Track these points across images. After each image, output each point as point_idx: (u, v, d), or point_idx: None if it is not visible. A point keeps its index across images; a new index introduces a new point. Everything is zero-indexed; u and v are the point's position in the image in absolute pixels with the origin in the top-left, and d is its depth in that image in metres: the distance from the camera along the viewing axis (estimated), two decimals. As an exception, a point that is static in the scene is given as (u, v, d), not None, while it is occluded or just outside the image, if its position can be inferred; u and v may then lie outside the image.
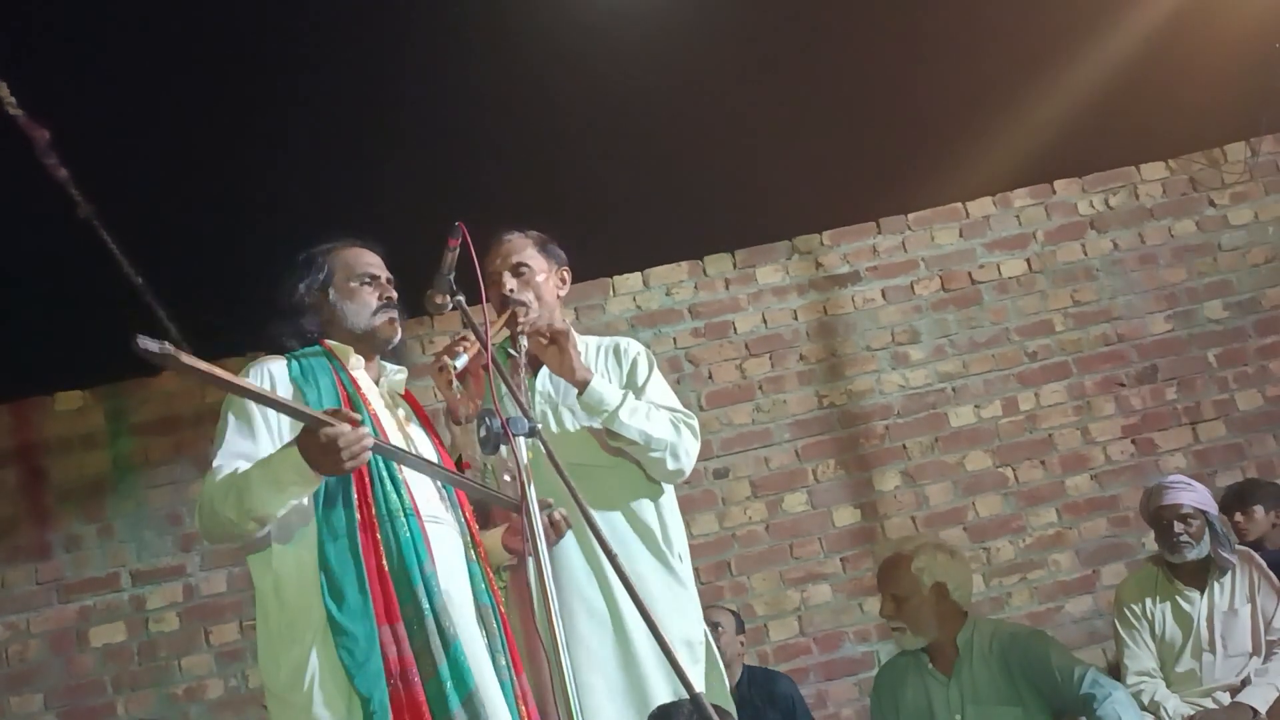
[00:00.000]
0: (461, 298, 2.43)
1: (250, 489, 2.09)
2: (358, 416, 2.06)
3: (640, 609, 1.96)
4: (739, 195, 4.80)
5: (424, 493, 2.30)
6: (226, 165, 3.93)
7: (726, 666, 4.10)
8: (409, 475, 2.28)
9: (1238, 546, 3.96)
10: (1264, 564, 3.90)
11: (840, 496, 5.01)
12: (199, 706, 4.66)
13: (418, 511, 2.23)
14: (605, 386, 2.63)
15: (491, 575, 2.38)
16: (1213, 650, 3.78)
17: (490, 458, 2.52)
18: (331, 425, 2.00)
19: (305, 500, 2.15)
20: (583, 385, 2.60)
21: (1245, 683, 3.69)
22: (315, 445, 2.01)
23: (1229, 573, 3.83)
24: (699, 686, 2.55)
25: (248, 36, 3.68)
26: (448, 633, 2.13)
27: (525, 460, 2.08)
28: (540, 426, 2.21)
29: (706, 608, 4.26)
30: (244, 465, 2.15)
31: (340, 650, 2.06)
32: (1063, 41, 4.56)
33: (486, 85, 4.04)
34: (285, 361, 2.34)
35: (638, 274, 5.21)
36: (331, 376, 2.31)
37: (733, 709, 2.72)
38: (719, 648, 4.11)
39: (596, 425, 2.66)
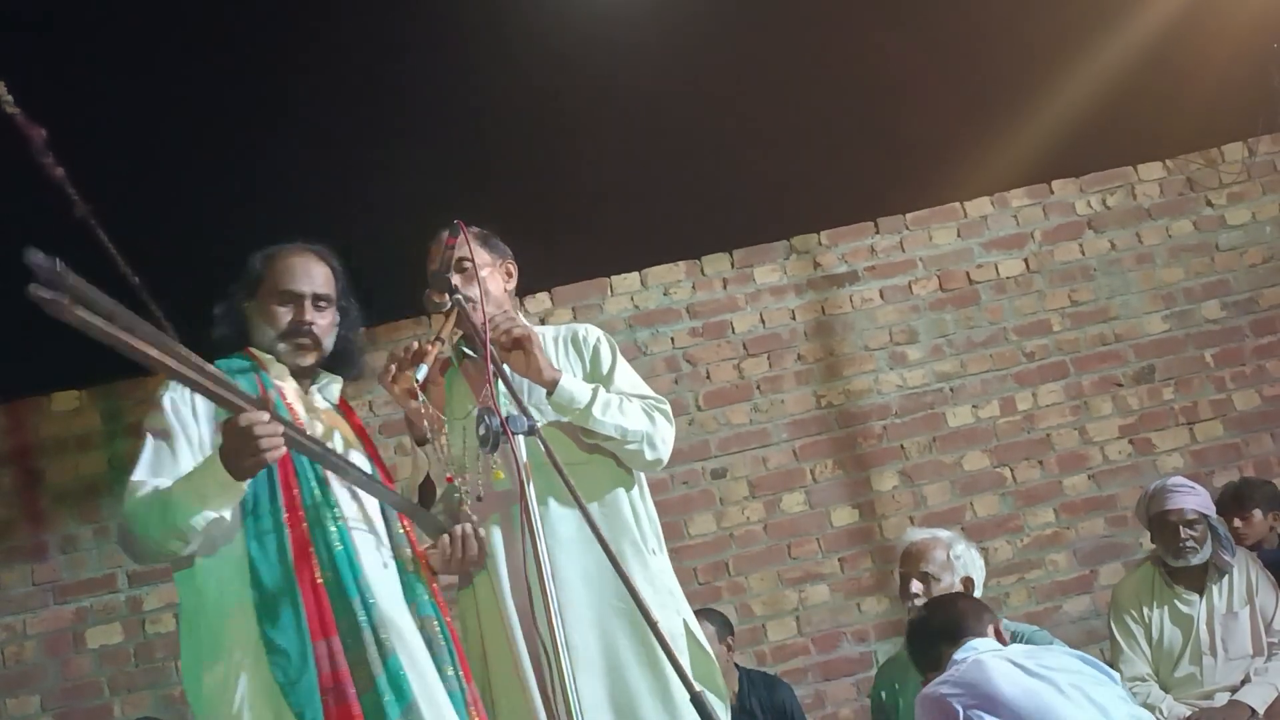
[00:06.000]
0: (460, 296, 2.43)
1: (172, 504, 2.02)
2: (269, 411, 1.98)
3: (639, 604, 1.96)
4: (736, 195, 4.80)
5: (344, 494, 2.23)
6: (225, 165, 3.93)
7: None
8: (332, 476, 2.20)
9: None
10: (1260, 564, 3.88)
11: (838, 496, 5.01)
12: (196, 708, 4.65)
13: (344, 516, 2.17)
14: (575, 384, 2.56)
15: (436, 587, 2.32)
16: (1213, 654, 3.73)
17: (458, 480, 2.46)
18: (249, 410, 1.93)
19: (229, 515, 2.08)
20: (552, 385, 2.53)
21: (1245, 682, 3.67)
22: (234, 432, 1.93)
23: (1227, 575, 3.81)
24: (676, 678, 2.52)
25: (246, 35, 3.68)
26: (385, 645, 2.08)
27: (524, 458, 2.08)
28: (540, 425, 2.20)
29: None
30: (165, 482, 2.08)
31: (273, 668, 2.01)
32: (1060, 42, 4.57)
33: (485, 84, 4.04)
34: None
35: (635, 274, 5.20)
36: (252, 379, 2.23)
37: (725, 698, 2.69)
38: None
39: (564, 422, 2.60)
